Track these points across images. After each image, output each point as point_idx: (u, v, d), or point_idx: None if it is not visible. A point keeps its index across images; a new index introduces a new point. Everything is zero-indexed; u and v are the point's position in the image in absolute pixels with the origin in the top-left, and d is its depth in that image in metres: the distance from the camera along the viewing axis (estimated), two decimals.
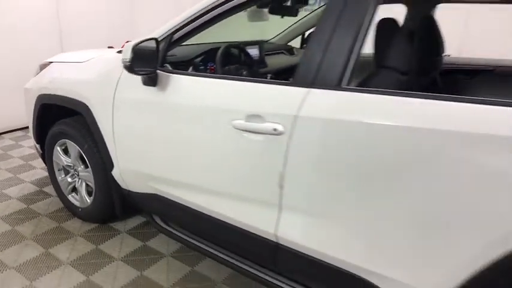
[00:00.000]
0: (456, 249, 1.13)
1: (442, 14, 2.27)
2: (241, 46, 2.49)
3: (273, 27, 3.24)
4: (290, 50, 3.22)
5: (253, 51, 2.53)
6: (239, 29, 2.78)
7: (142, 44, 1.68)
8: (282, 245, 1.54)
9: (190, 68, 2.24)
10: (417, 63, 1.76)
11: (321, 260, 1.44)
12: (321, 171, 1.36)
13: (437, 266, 1.19)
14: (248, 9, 2.34)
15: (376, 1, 1.33)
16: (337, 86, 1.33)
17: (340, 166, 1.32)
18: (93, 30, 4.74)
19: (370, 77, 1.56)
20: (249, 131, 1.48)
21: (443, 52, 2.15)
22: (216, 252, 1.87)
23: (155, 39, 1.73)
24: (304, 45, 3.21)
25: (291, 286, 1.63)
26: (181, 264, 2.11)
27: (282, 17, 2.34)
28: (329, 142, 1.32)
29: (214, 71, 2.29)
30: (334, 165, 1.33)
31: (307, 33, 3.17)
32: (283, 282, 1.65)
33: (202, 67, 2.36)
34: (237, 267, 1.78)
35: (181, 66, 2.20)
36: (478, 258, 1.09)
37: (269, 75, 2.53)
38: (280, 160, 1.42)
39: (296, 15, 2.47)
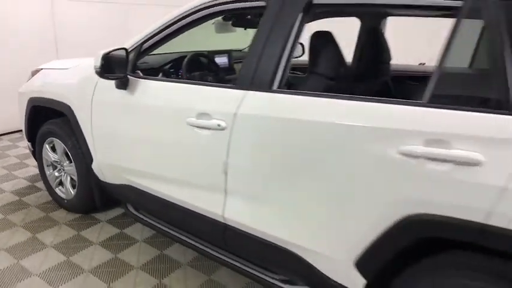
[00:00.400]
0: (360, 220, 1.38)
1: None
2: (207, 55, 2.77)
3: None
4: None
5: (222, 60, 2.80)
6: (226, 40, 3.02)
7: (113, 52, 1.96)
8: (228, 225, 1.80)
9: (160, 74, 2.52)
10: (358, 70, 2.02)
11: (259, 237, 1.69)
12: (255, 159, 1.63)
13: (347, 235, 1.44)
14: (215, 22, 2.61)
15: (301, 21, 1.60)
16: (269, 89, 1.60)
17: (271, 155, 1.59)
18: (88, 38, 5.04)
19: (302, 81, 1.83)
20: (199, 127, 1.75)
21: (389, 60, 2.41)
22: (179, 236, 2.13)
23: (125, 48, 2.01)
24: None
25: (243, 264, 1.88)
26: (152, 248, 2.37)
27: (245, 29, 2.60)
28: (262, 135, 1.59)
29: (182, 76, 2.57)
30: (266, 154, 1.60)
31: None
32: (237, 261, 1.90)
33: (171, 73, 2.64)
34: (198, 249, 2.04)
35: (153, 72, 2.48)
36: (377, 226, 1.34)
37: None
38: (224, 151, 1.69)
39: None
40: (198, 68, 2.58)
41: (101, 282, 2.06)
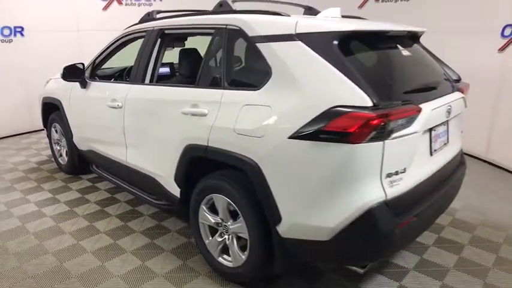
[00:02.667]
0: (171, 151, 2.44)
1: None
2: None
3: None
4: None
5: (165, 69, 3.98)
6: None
7: (74, 65, 3.25)
8: (129, 167, 2.96)
9: (113, 79, 3.78)
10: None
11: (139, 171, 2.83)
12: (133, 123, 2.81)
13: (168, 162, 2.51)
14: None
15: (159, 44, 2.74)
16: (142, 82, 2.76)
17: (138, 119, 2.75)
18: None
19: (172, 78, 2.97)
20: (111, 107, 2.95)
21: None
22: (116, 180, 3.32)
23: (82, 63, 3.30)
24: None
25: (138, 191, 3.02)
26: (151, 219, 3.23)
27: (173, 48, 3.72)
28: (136, 109, 2.77)
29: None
30: (137, 119, 2.77)
31: None
32: (136, 190, 3.05)
33: (118, 78, 3.87)
34: (125, 188, 3.21)
35: (108, 77, 3.74)
36: (177, 153, 2.40)
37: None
38: (121, 120, 2.88)
39: (184, 46, 3.73)
40: None
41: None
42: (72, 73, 3.26)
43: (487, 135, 4.50)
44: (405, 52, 2.16)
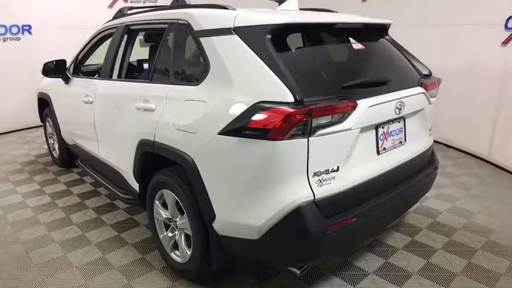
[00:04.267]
0: (130, 146, 2.45)
1: None
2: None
3: None
4: None
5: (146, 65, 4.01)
6: None
7: (55, 61, 3.35)
8: (101, 160, 3.02)
9: (97, 75, 3.86)
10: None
11: (108, 164, 2.89)
12: (101, 117, 2.86)
13: (127, 156, 2.53)
14: (139, 40, 3.87)
15: (126, 39, 2.77)
16: (109, 78, 2.81)
17: (105, 113, 2.80)
18: None
19: (136, 74, 3.00)
20: (84, 102, 3.02)
21: None
22: (95, 176, 3.39)
23: (64, 60, 3.39)
24: None
25: (110, 185, 3.08)
26: (125, 213, 3.41)
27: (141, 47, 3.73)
28: (103, 103, 2.81)
29: None
30: (104, 113, 2.82)
31: None
32: (108, 184, 3.11)
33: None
34: (103, 184, 3.27)
35: (92, 74, 3.83)
36: (133, 148, 2.42)
37: None
38: (92, 115, 2.94)
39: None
40: None
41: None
42: (52, 69, 3.36)
43: (490, 135, 4.24)
44: (357, 46, 2.06)
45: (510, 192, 3.58)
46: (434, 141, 3.06)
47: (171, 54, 2.23)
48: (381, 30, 2.38)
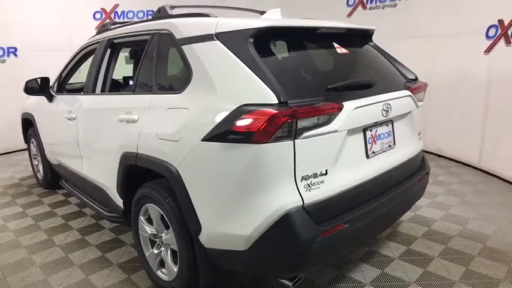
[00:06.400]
0: (112, 160, 2.38)
1: None
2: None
3: None
4: None
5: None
6: None
7: (38, 79, 3.28)
8: (85, 178, 2.92)
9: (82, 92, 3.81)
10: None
11: (92, 182, 2.79)
12: (85, 134, 2.77)
13: (111, 172, 2.44)
14: (125, 57, 3.84)
15: (109, 53, 2.74)
16: (92, 92, 2.75)
17: (89, 129, 2.72)
18: None
19: (120, 87, 2.94)
20: (67, 119, 2.94)
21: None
22: (79, 195, 3.27)
23: (47, 77, 3.33)
24: None
25: (94, 203, 2.96)
26: (110, 233, 3.51)
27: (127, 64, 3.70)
28: (86, 119, 2.74)
29: None
30: (87, 129, 2.75)
31: None
32: (92, 202, 2.99)
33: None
34: (87, 204, 3.14)
35: (78, 91, 3.77)
36: (117, 163, 2.34)
37: None
38: (75, 131, 2.86)
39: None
40: None
41: None
42: (35, 88, 3.30)
43: (479, 142, 4.24)
44: (341, 50, 2.05)
45: (503, 198, 3.54)
46: (425, 151, 3.03)
47: (154, 65, 2.19)
48: (364, 36, 2.38)
